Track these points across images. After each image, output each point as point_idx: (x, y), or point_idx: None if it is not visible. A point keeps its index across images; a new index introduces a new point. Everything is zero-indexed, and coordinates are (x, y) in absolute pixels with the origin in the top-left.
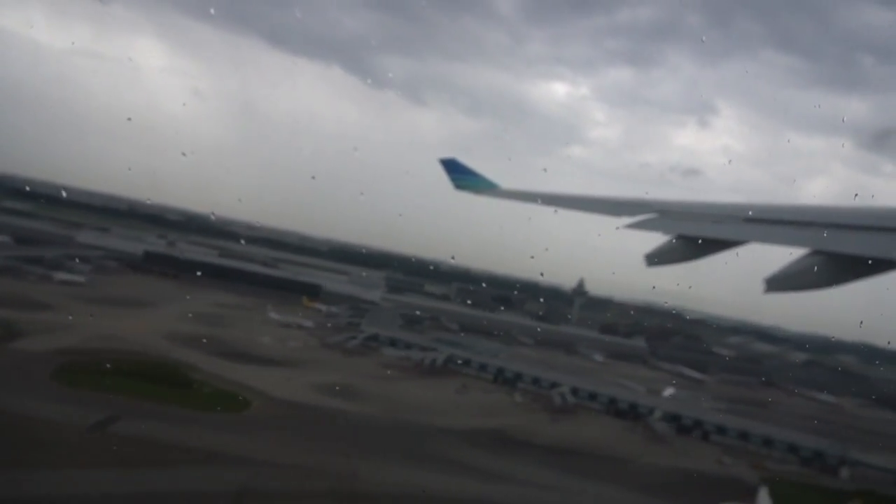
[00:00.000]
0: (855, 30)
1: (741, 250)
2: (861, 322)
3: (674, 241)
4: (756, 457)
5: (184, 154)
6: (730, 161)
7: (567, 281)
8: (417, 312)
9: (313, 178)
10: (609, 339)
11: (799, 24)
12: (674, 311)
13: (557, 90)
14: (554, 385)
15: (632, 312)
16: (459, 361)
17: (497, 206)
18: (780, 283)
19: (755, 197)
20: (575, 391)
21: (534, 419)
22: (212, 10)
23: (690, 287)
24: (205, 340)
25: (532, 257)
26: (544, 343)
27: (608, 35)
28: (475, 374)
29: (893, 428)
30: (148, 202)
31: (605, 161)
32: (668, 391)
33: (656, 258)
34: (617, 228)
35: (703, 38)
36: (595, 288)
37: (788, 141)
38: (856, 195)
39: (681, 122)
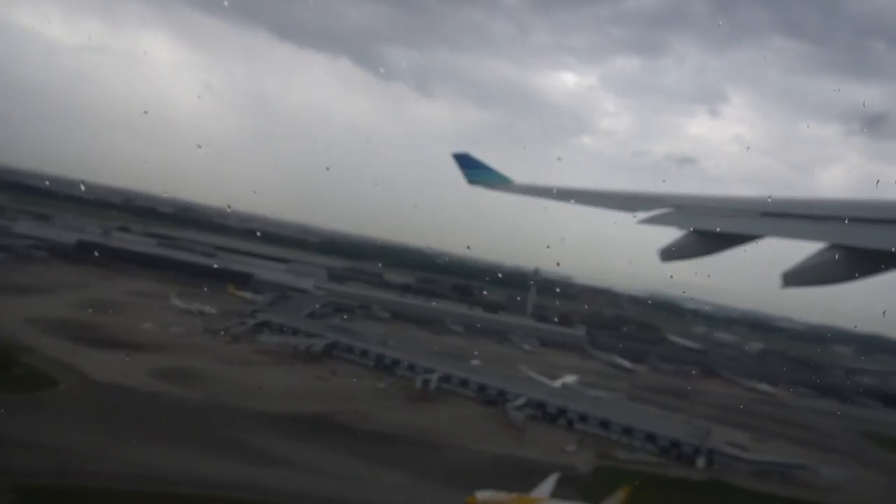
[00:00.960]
0: (864, 14)
1: (758, 244)
2: (884, 312)
3: (689, 235)
4: (613, 446)
5: (199, 146)
6: (748, 148)
7: (583, 272)
8: (350, 301)
9: (327, 168)
10: (548, 328)
11: (807, 8)
12: (670, 302)
13: (566, 80)
14: (428, 371)
15: (602, 302)
16: (341, 348)
17: (512, 198)
18: (797, 277)
19: (769, 186)
20: (447, 378)
21: (381, 405)
22: (225, 2)
23: (709, 275)
24: (77, 326)
25: (548, 247)
26: (478, 331)
27: (613, 23)
28: (356, 360)
29: (814, 418)
30: (164, 195)
31: (616, 151)
32: (567, 379)
33: (671, 253)
34: (635, 223)
35: (720, 23)
36: (613, 280)
37: (808, 126)
38: (877, 181)
39: (690, 112)
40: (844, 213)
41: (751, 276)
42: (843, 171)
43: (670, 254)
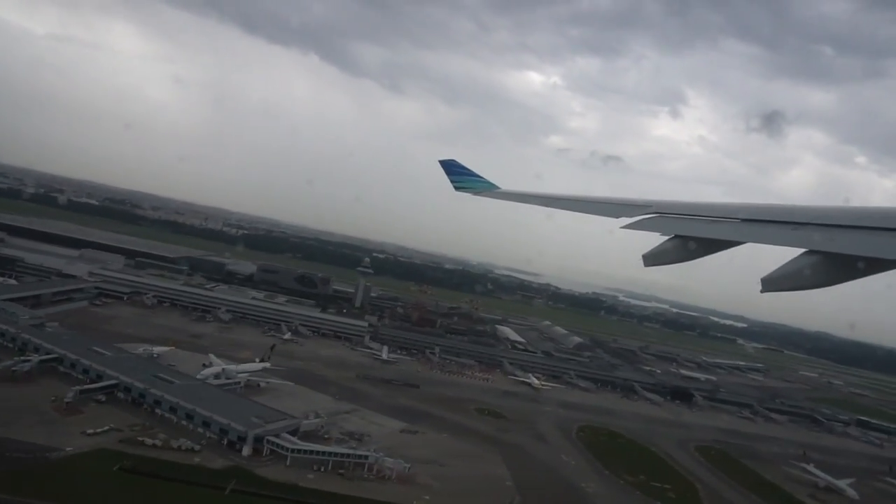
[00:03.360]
0: (811, 20)
1: (738, 250)
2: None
3: (671, 241)
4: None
5: (181, 159)
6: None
7: (556, 271)
8: (121, 289)
9: (311, 179)
10: (336, 319)
11: (756, 12)
12: (605, 301)
13: (530, 79)
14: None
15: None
16: None
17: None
18: (775, 283)
19: (733, 188)
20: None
21: None
22: None
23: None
24: None
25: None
26: (247, 320)
27: (571, 23)
28: None
29: (520, 403)
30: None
31: (584, 151)
32: (251, 365)
33: (654, 258)
34: (619, 228)
35: (673, 25)
36: (586, 280)
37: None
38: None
39: (653, 112)
40: (822, 220)
41: (734, 283)
42: (803, 174)
43: (653, 258)
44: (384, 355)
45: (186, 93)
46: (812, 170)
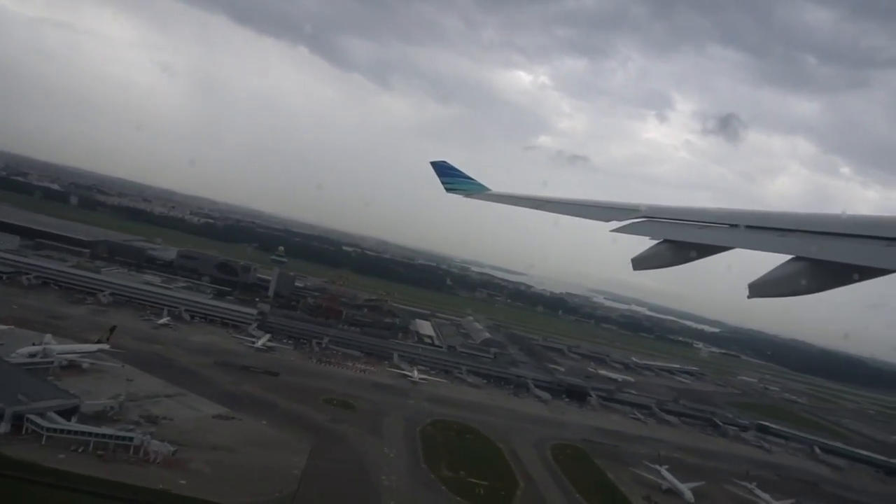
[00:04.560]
0: (795, 28)
1: (728, 256)
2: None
3: (661, 245)
4: None
5: (166, 147)
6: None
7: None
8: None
9: (320, 187)
10: (224, 306)
11: (741, 19)
12: (576, 302)
13: (519, 78)
14: None
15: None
16: None
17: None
18: (762, 288)
19: (720, 194)
20: None
21: None
22: None
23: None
24: None
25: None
26: (130, 304)
27: (558, 23)
28: None
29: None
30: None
31: (576, 152)
32: (83, 346)
33: (643, 262)
34: (610, 231)
35: (658, 28)
36: (585, 283)
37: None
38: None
39: (640, 115)
40: (808, 227)
41: (723, 288)
42: (790, 182)
43: (642, 262)
44: (259, 343)
45: (175, 81)
46: (798, 178)
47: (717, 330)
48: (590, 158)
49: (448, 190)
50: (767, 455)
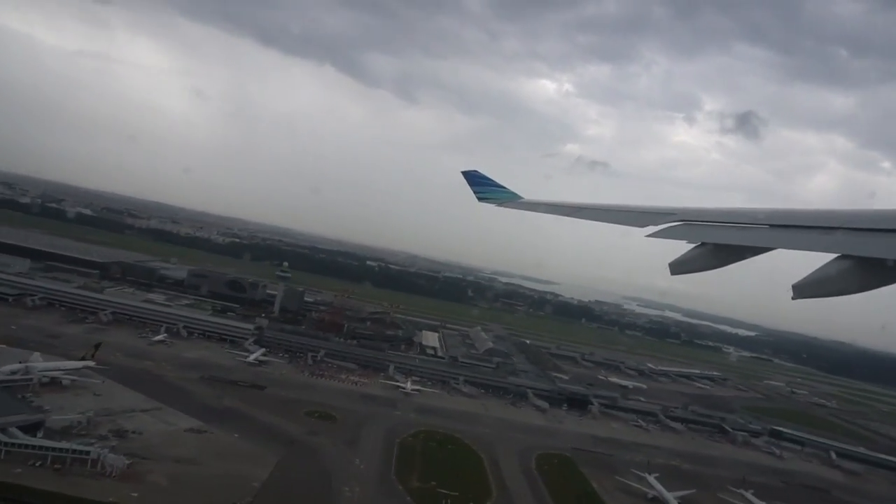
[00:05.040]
0: (824, 21)
1: (768, 258)
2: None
3: (698, 248)
4: None
5: (199, 170)
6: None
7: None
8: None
9: (327, 188)
10: (222, 322)
11: (766, 16)
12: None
13: (544, 87)
14: None
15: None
16: None
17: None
18: (807, 289)
19: (756, 195)
20: None
21: None
22: (211, 9)
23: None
24: None
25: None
26: (130, 321)
27: (578, 30)
28: None
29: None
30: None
31: (603, 159)
32: (67, 363)
33: (680, 266)
34: (645, 236)
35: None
36: (619, 290)
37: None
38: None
39: (668, 119)
40: (853, 224)
41: (762, 292)
42: (828, 180)
43: (680, 266)
44: (251, 357)
45: (205, 105)
46: (836, 175)
47: (752, 334)
48: (616, 165)
49: (480, 199)
50: (777, 461)
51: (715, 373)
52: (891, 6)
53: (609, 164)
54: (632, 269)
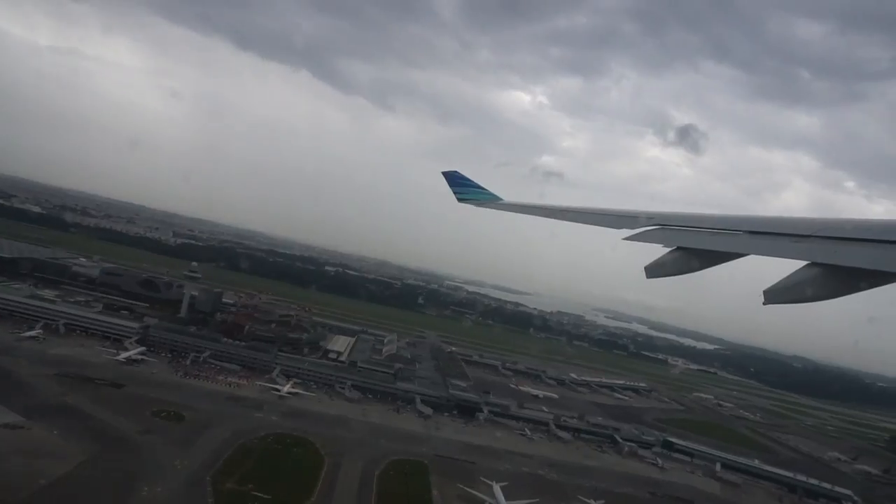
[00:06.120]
0: (788, 42)
1: (739, 264)
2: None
3: (674, 252)
4: None
5: (171, 171)
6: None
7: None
8: None
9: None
10: (102, 318)
11: (731, 35)
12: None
13: (518, 98)
14: None
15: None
16: None
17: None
18: (778, 295)
19: (727, 211)
20: None
21: None
22: (188, 10)
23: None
24: None
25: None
26: (16, 317)
27: (550, 42)
28: None
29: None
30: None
31: (577, 171)
32: None
33: (655, 270)
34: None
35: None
36: (590, 301)
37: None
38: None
39: (638, 133)
40: (824, 233)
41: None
42: (794, 197)
43: (655, 270)
44: (122, 356)
45: (179, 106)
46: (802, 193)
47: (712, 347)
48: (586, 177)
49: (460, 200)
50: (657, 472)
51: (641, 384)
52: (850, 30)
53: (576, 177)
54: (609, 280)
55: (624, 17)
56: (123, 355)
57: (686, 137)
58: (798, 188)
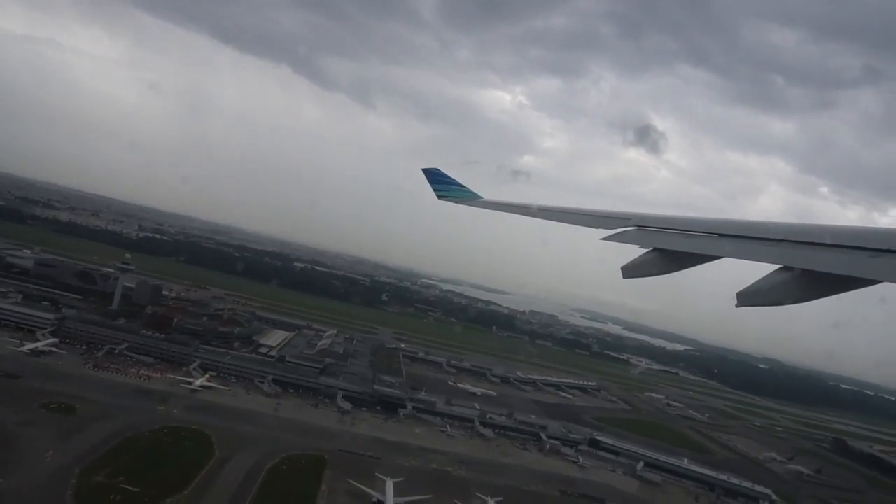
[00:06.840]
0: (763, 48)
1: (714, 267)
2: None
3: (650, 254)
4: None
5: (147, 164)
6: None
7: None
8: None
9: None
10: (24, 311)
11: (707, 40)
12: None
13: (498, 98)
14: None
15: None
16: None
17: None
18: (751, 297)
19: (702, 214)
20: None
21: None
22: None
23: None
24: None
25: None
26: None
27: (529, 43)
28: None
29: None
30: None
31: (557, 171)
32: None
33: (632, 270)
34: (600, 239)
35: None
36: (569, 302)
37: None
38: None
39: (616, 134)
40: (797, 237)
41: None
42: (770, 202)
43: (632, 271)
44: (26, 348)
45: (157, 98)
46: (778, 198)
47: (682, 348)
48: (563, 176)
49: (440, 197)
50: (576, 470)
51: (590, 383)
52: (823, 38)
53: (547, 175)
54: (589, 280)
55: (602, 19)
56: (29, 346)
57: (663, 140)
58: (774, 192)
